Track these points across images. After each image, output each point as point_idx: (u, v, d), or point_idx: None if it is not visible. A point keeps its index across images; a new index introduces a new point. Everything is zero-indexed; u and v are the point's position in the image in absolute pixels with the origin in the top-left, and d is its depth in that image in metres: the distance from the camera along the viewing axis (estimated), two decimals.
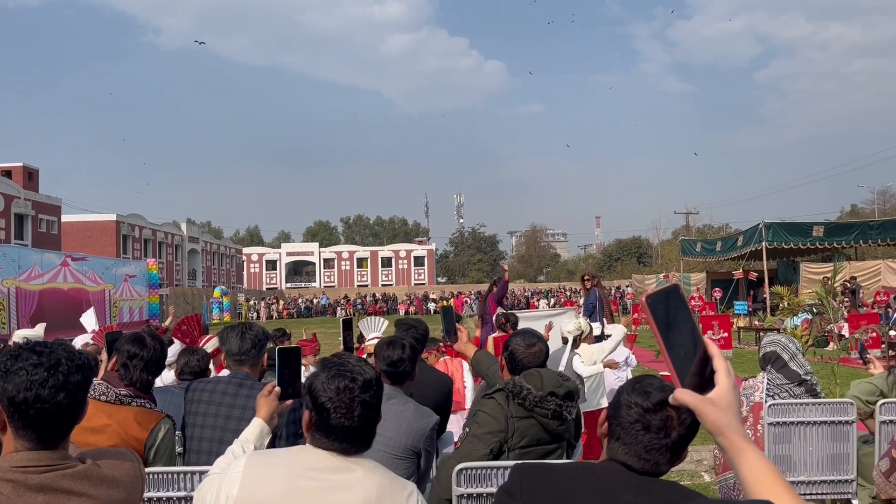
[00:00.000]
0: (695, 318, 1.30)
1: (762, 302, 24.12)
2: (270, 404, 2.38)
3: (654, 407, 1.71)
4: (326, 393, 1.90)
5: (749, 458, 1.21)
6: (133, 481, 1.84)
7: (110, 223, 46.37)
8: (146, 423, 2.95)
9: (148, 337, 3.16)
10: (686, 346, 1.23)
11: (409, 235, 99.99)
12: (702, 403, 1.22)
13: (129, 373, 3.03)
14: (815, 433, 4.40)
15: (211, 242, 63.56)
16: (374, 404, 1.95)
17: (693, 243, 32.44)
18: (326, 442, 1.91)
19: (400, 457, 3.04)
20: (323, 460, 1.88)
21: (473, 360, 4.06)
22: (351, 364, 1.99)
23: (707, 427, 1.24)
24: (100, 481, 1.73)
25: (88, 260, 26.78)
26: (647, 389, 1.74)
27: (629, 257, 79.60)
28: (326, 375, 1.94)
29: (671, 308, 1.24)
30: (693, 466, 6.83)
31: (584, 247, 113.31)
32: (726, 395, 1.23)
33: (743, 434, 1.23)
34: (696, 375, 1.23)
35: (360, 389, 1.92)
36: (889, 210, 54.00)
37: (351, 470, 1.88)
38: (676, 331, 1.23)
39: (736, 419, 1.23)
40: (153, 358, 3.09)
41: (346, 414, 1.89)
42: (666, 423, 1.70)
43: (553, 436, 2.98)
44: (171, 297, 35.16)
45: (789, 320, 17.81)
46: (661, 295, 1.25)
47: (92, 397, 2.92)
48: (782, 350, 4.63)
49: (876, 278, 23.32)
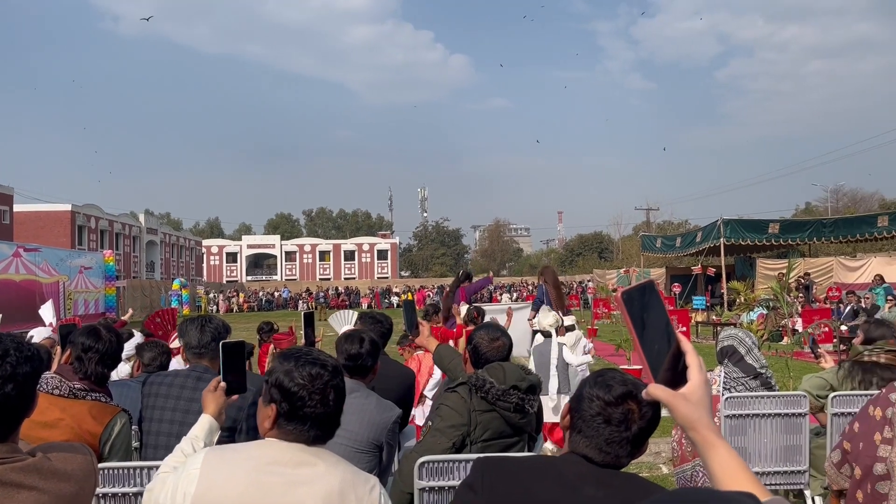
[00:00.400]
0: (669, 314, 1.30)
1: (720, 297, 24.63)
2: (217, 400, 2.34)
3: (615, 400, 1.73)
4: (297, 381, 1.88)
5: (719, 452, 1.23)
6: (85, 475, 1.80)
7: (65, 213, 45.24)
8: (101, 418, 2.89)
9: (104, 330, 3.09)
10: (660, 342, 1.24)
11: (372, 229, 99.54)
12: (674, 398, 1.23)
13: (83, 366, 2.96)
14: (769, 425, 4.51)
15: (170, 234, 62.45)
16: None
17: (653, 239, 32.94)
18: (300, 432, 1.88)
19: (362, 450, 3.02)
20: (285, 454, 1.86)
21: (435, 355, 4.05)
22: (315, 352, 1.99)
23: (679, 421, 1.25)
24: (50, 475, 1.69)
25: (42, 251, 26.08)
26: (609, 383, 1.77)
27: (591, 252, 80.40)
28: (294, 364, 1.92)
29: (646, 303, 1.25)
30: (652, 459, 6.94)
31: (546, 242, 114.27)
32: (698, 390, 1.24)
33: (714, 429, 1.25)
34: (669, 370, 1.24)
35: (330, 375, 1.93)
36: (841, 208, 55.45)
37: (313, 464, 1.86)
38: (650, 326, 1.24)
39: (707, 414, 1.24)
40: (109, 351, 3.02)
41: (322, 400, 1.88)
42: (627, 417, 1.73)
43: (515, 429, 2.99)
44: (129, 289, 34.50)
45: (745, 315, 18.21)
46: (637, 290, 1.26)
47: (44, 391, 2.85)
48: (739, 344, 4.72)
49: (828, 275, 23.97)
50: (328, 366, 1.94)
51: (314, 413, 1.87)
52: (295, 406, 1.87)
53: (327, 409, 1.89)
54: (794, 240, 25.73)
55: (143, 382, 3.27)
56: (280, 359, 1.99)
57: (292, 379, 1.88)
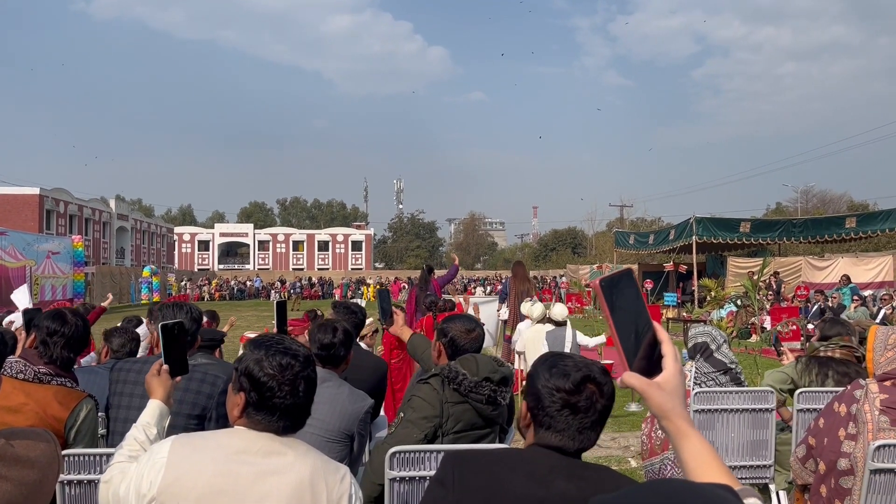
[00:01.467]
0: (646, 303, 1.30)
1: (691, 294, 24.91)
2: (165, 383, 2.30)
3: (576, 388, 1.73)
4: (267, 370, 1.86)
5: (692, 441, 1.24)
6: (49, 462, 1.76)
7: (33, 197, 44.37)
8: (67, 403, 2.84)
9: (69, 313, 3.02)
10: (636, 330, 1.24)
11: (347, 219, 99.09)
12: (649, 387, 1.24)
13: (48, 350, 2.90)
14: (736, 420, 4.57)
15: (141, 221, 61.58)
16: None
17: (626, 235, 33.20)
18: (269, 422, 1.86)
19: (333, 440, 3.01)
20: (255, 443, 1.83)
21: (409, 344, 4.05)
22: (286, 342, 1.97)
23: (653, 410, 1.25)
24: (13, 462, 1.65)
25: (8, 235, 25.58)
26: (564, 371, 1.76)
27: (564, 248, 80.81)
28: (264, 353, 1.89)
29: (623, 292, 1.25)
30: (621, 452, 7.00)
31: (521, 236, 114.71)
32: (672, 379, 1.24)
33: (687, 418, 1.25)
34: (644, 359, 1.24)
35: (301, 365, 1.91)
36: (811, 209, 56.35)
37: (283, 454, 1.84)
38: (627, 314, 1.24)
39: (681, 403, 1.25)
40: (74, 335, 2.96)
41: (291, 391, 1.87)
42: (592, 400, 1.74)
43: (486, 420, 3.00)
44: (98, 275, 33.99)
45: (715, 312, 18.43)
46: (615, 278, 1.26)
47: (8, 374, 2.79)
48: (710, 340, 4.82)
49: (797, 274, 24.34)
50: (299, 356, 1.92)
51: (283, 404, 1.85)
52: (264, 396, 1.85)
53: (297, 400, 1.87)
54: (765, 239, 26.09)
55: (111, 368, 3.22)
56: (251, 346, 1.96)
57: (262, 368, 1.86)
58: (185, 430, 2.50)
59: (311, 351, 3.25)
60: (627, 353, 1.23)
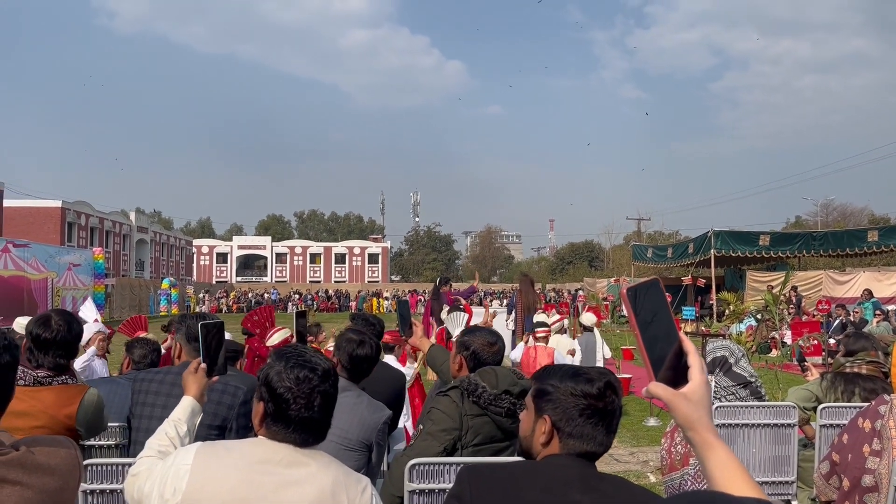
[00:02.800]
0: (673, 313, 1.30)
1: (709, 308, 24.71)
2: (199, 381, 2.33)
3: (600, 392, 1.79)
4: (285, 383, 1.87)
5: (718, 453, 1.23)
6: (69, 469, 1.77)
7: (55, 210, 44.97)
8: (72, 398, 2.88)
9: (54, 316, 3.02)
10: (662, 340, 1.24)
11: (363, 232, 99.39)
12: (675, 397, 1.23)
13: (34, 357, 2.92)
14: (758, 435, 4.52)
15: (160, 233, 62.18)
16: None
17: (644, 249, 33.04)
18: (284, 434, 1.87)
19: (351, 448, 3.02)
20: (277, 453, 1.84)
21: (428, 356, 4.04)
22: (308, 354, 1.97)
23: (678, 421, 1.25)
24: (34, 469, 1.66)
25: (31, 247, 25.91)
26: (588, 377, 1.82)
27: (581, 261, 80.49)
28: (284, 365, 1.90)
29: (650, 301, 1.24)
30: (639, 467, 6.94)
31: (537, 249, 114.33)
32: (699, 390, 1.24)
33: (713, 430, 1.25)
34: (670, 370, 1.24)
35: (319, 379, 1.90)
36: (831, 222, 55.78)
37: (305, 464, 1.85)
38: (654, 324, 1.23)
39: (707, 414, 1.24)
40: (58, 339, 2.95)
41: (307, 404, 1.86)
42: (614, 404, 1.81)
43: (506, 433, 2.99)
44: (118, 287, 34.31)
45: (735, 326, 18.26)
46: (642, 288, 1.25)
47: None
48: (729, 354, 4.78)
49: (817, 288, 24.08)
50: (318, 369, 1.91)
51: (298, 417, 1.86)
52: (280, 407, 1.86)
53: (312, 414, 1.87)
54: (784, 252, 25.85)
55: (133, 379, 3.25)
56: (274, 357, 1.98)
57: (280, 380, 1.87)
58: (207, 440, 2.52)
59: (339, 362, 3.27)
60: (654, 364, 1.23)
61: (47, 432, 2.78)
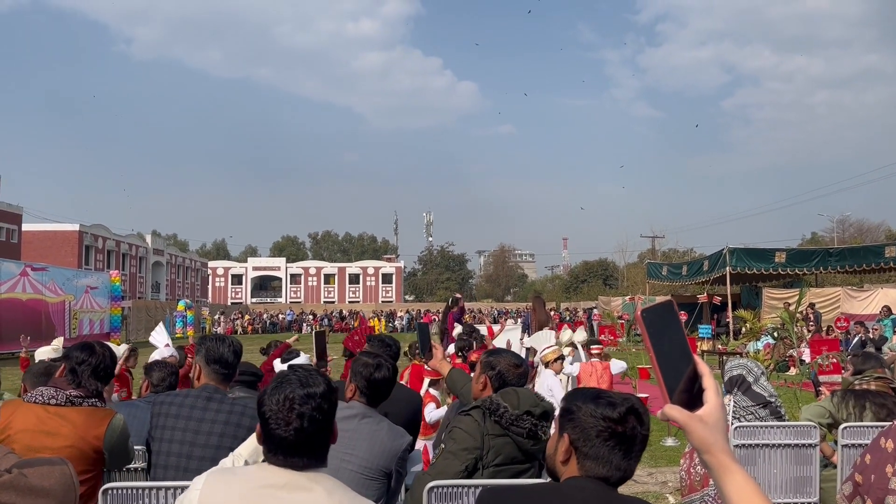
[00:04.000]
0: (687, 335, 1.30)
1: (725, 326, 24.47)
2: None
3: (622, 417, 1.77)
4: (267, 404, 1.87)
5: (735, 477, 1.22)
6: (65, 490, 1.77)
7: (73, 233, 45.45)
8: (101, 420, 2.97)
9: (97, 345, 3.17)
10: (676, 363, 1.23)
11: (377, 252, 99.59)
12: (691, 420, 1.23)
13: (76, 378, 3.03)
14: (779, 456, 4.48)
15: (176, 255, 62.63)
16: (315, 417, 1.86)
17: (659, 267, 32.86)
18: (270, 455, 1.87)
19: (371, 477, 3.00)
20: (280, 478, 1.84)
21: (448, 379, 4.04)
22: (298, 375, 1.94)
23: (694, 444, 1.24)
24: (27, 492, 1.67)
25: (49, 270, 26.17)
26: (611, 401, 1.80)
27: (595, 279, 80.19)
28: (273, 387, 1.91)
29: (665, 323, 1.24)
30: (658, 488, 6.87)
31: (551, 268, 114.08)
32: (715, 412, 1.23)
33: (729, 453, 1.24)
34: (685, 392, 1.23)
35: (299, 401, 1.85)
36: (848, 238, 55.28)
37: (308, 489, 1.83)
38: (668, 346, 1.23)
39: (723, 437, 1.24)
40: (101, 365, 3.08)
41: (284, 426, 1.83)
42: (635, 431, 1.77)
43: (527, 455, 2.98)
44: (134, 309, 34.51)
45: (752, 344, 18.10)
46: (657, 309, 1.25)
47: (40, 402, 2.92)
48: (747, 373, 4.75)
49: (835, 305, 23.82)
50: (298, 391, 1.86)
51: (277, 437, 1.84)
52: (266, 429, 1.86)
53: (288, 436, 1.83)
54: (801, 269, 25.60)
55: (153, 402, 3.27)
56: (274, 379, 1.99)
57: (265, 402, 1.87)
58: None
59: (357, 387, 3.24)
60: (669, 386, 1.23)
61: (76, 452, 2.83)
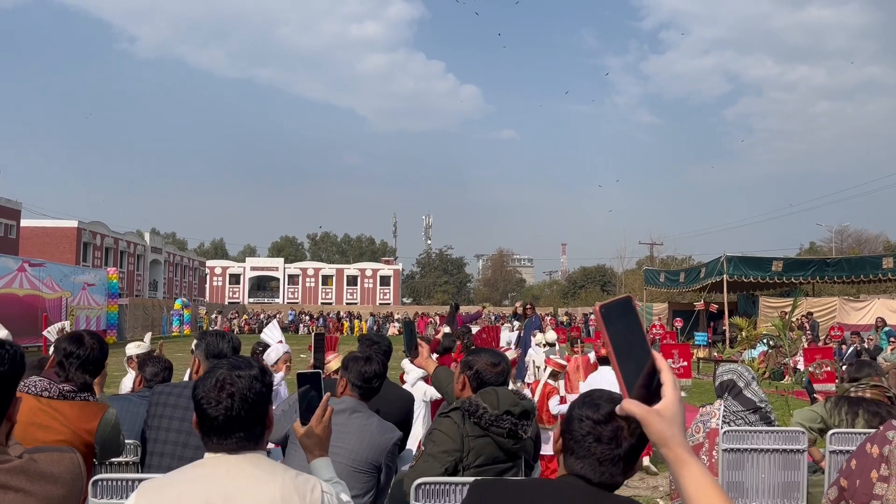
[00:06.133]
0: (645, 331, 1.32)
1: (722, 333, 24.50)
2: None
3: (604, 418, 1.75)
4: (200, 387, 1.87)
5: (692, 470, 1.24)
6: (73, 478, 1.79)
7: (71, 230, 45.46)
8: (94, 415, 2.94)
9: (87, 336, 3.10)
10: (635, 358, 1.25)
11: (375, 254, 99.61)
12: (648, 414, 1.25)
13: (64, 371, 2.98)
14: (767, 460, 4.50)
15: (174, 254, 62.64)
16: (245, 396, 1.85)
17: (657, 273, 32.88)
18: (205, 439, 1.86)
19: (361, 470, 3.04)
20: (217, 467, 1.81)
21: (433, 377, 4.07)
22: (231, 360, 1.94)
23: (652, 438, 1.26)
24: (37, 476, 1.69)
25: (47, 266, 26.16)
26: (596, 402, 1.79)
27: (593, 285, 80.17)
28: (205, 372, 1.91)
29: (622, 319, 1.26)
30: (649, 493, 6.90)
31: (549, 273, 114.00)
32: (672, 406, 1.25)
33: (686, 446, 1.26)
34: (644, 387, 1.25)
35: (229, 380, 1.85)
36: (846, 249, 55.36)
37: (248, 473, 1.81)
38: (627, 342, 1.25)
39: (680, 431, 1.26)
40: (90, 357, 3.03)
41: (214, 405, 1.83)
42: (617, 434, 1.74)
43: (508, 454, 3.00)
44: (131, 307, 34.50)
45: (747, 352, 18.13)
46: (615, 305, 1.27)
47: (33, 393, 2.88)
48: (738, 378, 4.77)
49: (831, 315, 23.87)
50: (232, 373, 1.86)
51: (211, 417, 1.83)
52: (200, 411, 1.85)
53: (219, 415, 1.82)
54: (798, 278, 25.61)
55: (152, 392, 3.29)
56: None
57: (200, 385, 1.87)
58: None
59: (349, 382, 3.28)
60: (627, 381, 1.25)
61: (67, 446, 2.83)
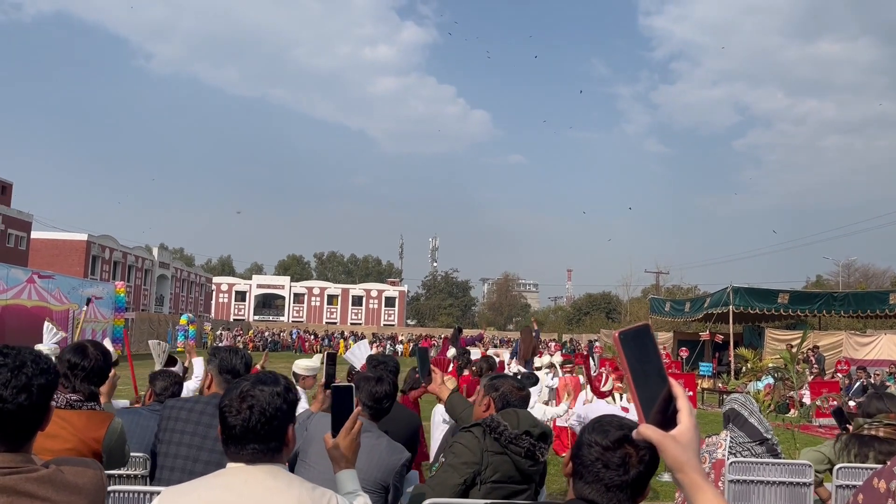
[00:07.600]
0: (662, 358, 1.37)
1: (727, 364, 24.37)
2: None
3: (612, 445, 1.77)
4: (226, 398, 1.91)
5: (706, 496, 1.27)
6: (96, 490, 1.83)
7: (80, 243, 45.71)
8: (101, 424, 2.98)
9: (91, 347, 3.16)
10: (652, 384, 1.29)
11: (381, 275, 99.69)
12: (664, 439, 1.28)
13: (70, 382, 3.02)
14: (773, 493, 4.49)
15: (181, 269, 62.82)
16: (264, 409, 1.88)
17: (662, 302, 32.79)
18: (225, 448, 1.89)
19: (368, 490, 3.05)
20: (238, 476, 1.84)
21: (447, 403, 4.08)
22: (258, 375, 1.98)
23: (668, 463, 1.29)
24: (63, 487, 1.73)
25: (55, 278, 26.28)
26: (605, 428, 1.81)
27: (598, 312, 79.91)
28: (232, 385, 1.95)
29: (641, 346, 1.30)
30: None
31: (554, 299, 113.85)
32: (688, 432, 1.28)
33: (701, 472, 1.29)
34: (660, 413, 1.29)
35: (251, 392, 1.89)
36: (853, 283, 55.10)
37: (265, 484, 1.83)
38: (645, 368, 1.29)
39: (695, 457, 1.29)
40: (95, 368, 3.08)
41: (235, 414, 1.86)
42: (625, 461, 1.76)
43: (524, 476, 3.03)
44: (137, 321, 34.58)
45: (752, 384, 18.02)
46: (633, 332, 1.31)
47: None
48: (741, 407, 4.75)
49: (838, 349, 23.73)
50: (256, 387, 1.89)
51: (231, 426, 1.86)
52: (223, 420, 1.88)
53: (238, 424, 1.85)
54: (804, 311, 25.52)
55: (164, 406, 3.33)
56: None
57: (226, 396, 1.90)
58: None
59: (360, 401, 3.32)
60: (644, 407, 1.29)
61: (75, 454, 2.87)
